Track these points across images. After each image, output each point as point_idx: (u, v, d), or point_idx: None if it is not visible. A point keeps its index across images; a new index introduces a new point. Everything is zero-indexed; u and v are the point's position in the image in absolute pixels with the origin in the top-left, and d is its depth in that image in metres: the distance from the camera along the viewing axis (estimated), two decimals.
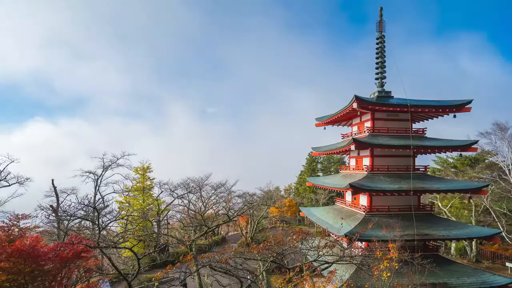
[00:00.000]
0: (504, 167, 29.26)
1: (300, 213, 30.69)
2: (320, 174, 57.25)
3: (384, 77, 22.74)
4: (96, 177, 29.34)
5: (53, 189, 25.73)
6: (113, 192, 30.59)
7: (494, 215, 29.59)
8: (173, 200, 32.80)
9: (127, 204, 30.66)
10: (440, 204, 32.80)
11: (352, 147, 19.29)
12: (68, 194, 26.24)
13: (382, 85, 22.75)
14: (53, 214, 21.82)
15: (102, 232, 15.07)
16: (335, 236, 17.39)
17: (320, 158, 58.40)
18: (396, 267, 12.57)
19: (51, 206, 23.75)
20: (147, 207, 30.54)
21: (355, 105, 19.63)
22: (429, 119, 22.88)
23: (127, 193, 31.68)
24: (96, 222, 16.13)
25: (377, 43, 22.65)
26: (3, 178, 23.10)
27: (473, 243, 29.58)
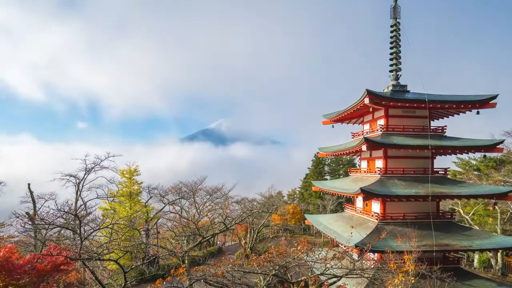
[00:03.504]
0: None
1: (305, 221, 30.67)
2: (328, 177, 57.28)
3: (399, 69, 22.73)
4: (77, 180, 29.30)
5: (29, 194, 25.72)
6: (97, 198, 30.52)
7: None
8: (164, 207, 32.87)
9: (112, 211, 30.64)
10: (461, 211, 32.79)
11: (364, 147, 19.28)
12: (46, 200, 26.20)
13: (397, 78, 22.74)
14: (30, 222, 21.85)
15: (84, 242, 15.05)
16: (345, 246, 17.38)
17: (328, 159, 58.37)
18: (413, 281, 12.56)
19: (27, 213, 23.76)
20: (135, 215, 30.50)
21: (366, 101, 19.60)
22: (450, 116, 22.87)
23: (112, 198, 31.66)
24: (78, 231, 16.09)
25: (391, 31, 22.64)
26: None
27: (499, 254, 29.54)
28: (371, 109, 21.89)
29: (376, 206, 21.08)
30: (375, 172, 21.65)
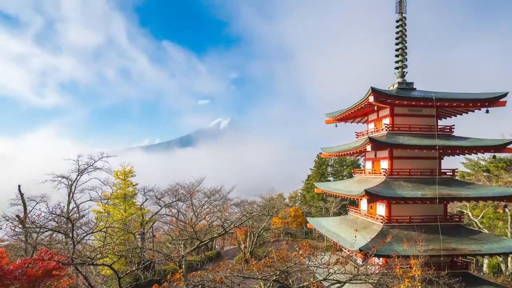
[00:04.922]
0: None
1: (308, 224, 30.72)
2: (331, 178, 57.31)
3: (405, 66, 22.74)
4: (70, 182, 29.32)
5: (19, 196, 25.73)
6: (90, 200, 30.57)
7: None
8: (160, 209, 32.89)
9: (106, 214, 30.61)
10: (470, 214, 32.80)
11: (368, 148, 19.29)
12: (38, 202, 26.23)
13: (402, 75, 22.75)
14: (20, 226, 21.81)
15: (77, 246, 15.07)
16: (348, 251, 17.39)
17: (331, 160, 58.42)
18: (419, 287, 12.57)
19: (17, 216, 23.75)
20: (130, 218, 30.53)
21: (371, 99, 19.62)
22: (458, 115, 22.88)
23: (106, 201, 31.67)
24: (70, 235, 16.12)
25: (397, 26, 22.64)
26: None
27: (509, 259, 29.57)
28: (376, 108, 21.90)
29: (381, 209, 21.08)
30: (380, 173, 21.65)
